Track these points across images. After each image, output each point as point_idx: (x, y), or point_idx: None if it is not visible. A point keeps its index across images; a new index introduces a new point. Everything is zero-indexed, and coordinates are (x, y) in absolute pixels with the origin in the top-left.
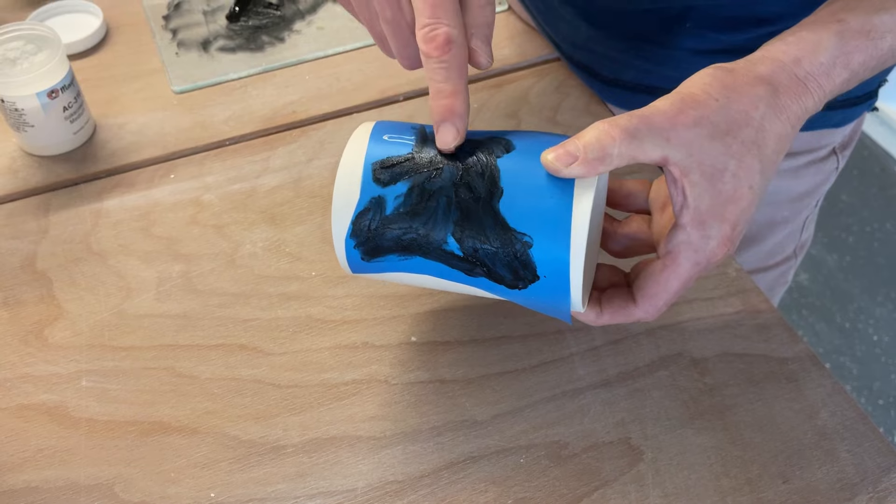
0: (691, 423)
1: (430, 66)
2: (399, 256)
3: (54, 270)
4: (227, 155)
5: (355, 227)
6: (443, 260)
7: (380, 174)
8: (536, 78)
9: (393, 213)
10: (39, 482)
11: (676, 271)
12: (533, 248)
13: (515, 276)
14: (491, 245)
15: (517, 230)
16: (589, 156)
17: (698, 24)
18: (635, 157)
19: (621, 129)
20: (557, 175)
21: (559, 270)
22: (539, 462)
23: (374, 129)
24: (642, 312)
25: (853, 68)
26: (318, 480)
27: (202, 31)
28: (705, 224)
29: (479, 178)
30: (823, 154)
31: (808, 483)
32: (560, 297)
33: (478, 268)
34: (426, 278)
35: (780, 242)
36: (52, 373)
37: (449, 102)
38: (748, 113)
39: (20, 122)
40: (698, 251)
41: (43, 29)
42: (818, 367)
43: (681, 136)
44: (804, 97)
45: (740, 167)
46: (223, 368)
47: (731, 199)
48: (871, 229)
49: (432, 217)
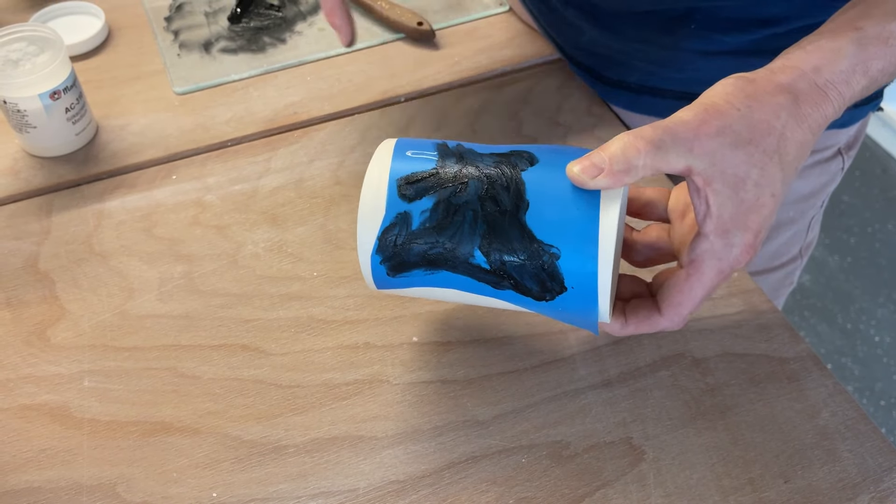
0: (693, 423)
1: None
2: (425, 271)
3: (56, 271)
4: (229, 156)
5: (381, 242)
6: (470, 273)
7: (405, 190)
8: (537, 79)
9: (419, 228)
10: (42, 482)
11: (700, 280)
12: (560, 259)
13: (543, 287)
14: (518, 257)
15: (544, 242)
16: (615, 167)
17: (702, 25)
18: (660, 168)
19: (646, 140)
20: (583, 187)
21: (587, 281)
22: (540, 462)
23: (397, 146)
24: (668, 322)
25: (872, 75)
26: (319, 480)
27: (204, 33)
28: (728, 232)
29: (504, 191)
30: (829, 154)
31: (810, 483)
32: (588, 307)
33: (505, 280)
34: (452, 292)
35: (785, 243)
36: (54, 373)
37: (329, 20)
38: (770, 122)
39: (22, 124)
40: (722, 259)
41: (45, 30)
42: (819, 367)
43: (704, 146)
44: (824, 105)
45: (762, 176)
46: (225, 369)
47: (753, 207)
48: (873, 230)
49: (459, 231)
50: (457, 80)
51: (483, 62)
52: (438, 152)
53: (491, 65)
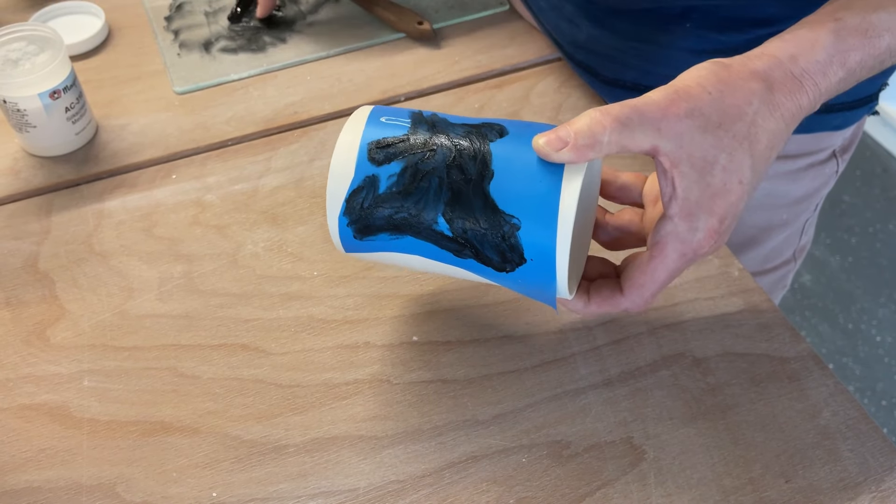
0: (693, 423)
1: None
2: (390, 235)
3: (56, 271)
4: (229, 155)
5: (349, 205)
6: (433, 240)
7: (375, 154)
8: (538, 78)
9: (386, 192)
10: (41, 482)
11: (664, 262)
12: (520, 230)
13: (503, 258)
14: (480, 226)
15: (506, 212)
16: (579, 142)
17: (698, 24)
18: (625, 145)
19: (612, 117)
20: (548, 160)
21: (545, 254)
22: (541, 462)
23: (372, 112)
24: (629, 302)
25: (850, 67)
26: (319, 480)
27: (204, 32)
28: (693, 216)
29: (471, 160)
30: (823, 157)
31: (811, 483)
32: (546, 280)
33: (467, 249)
34: (418, 259)
35: (778, 246)
36: (54, 373)
37: None
38: (741, 108)
39: (22, 123)
40: (685, 242)
41: (45, 30)
42: (820, 367)
43: (672, 127)
44: (799, 94)
45: (731, 161)
46: (225, 368)
47: (719, 192)
48: (874, 230)
49: (424, 197)
50: (457, 80)
51: (483, 61)
52: (412, 120)
53: (491, 64)
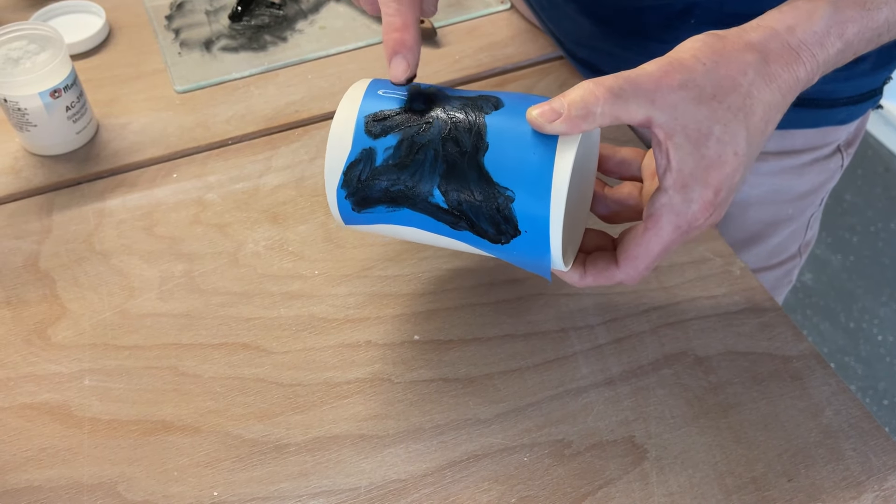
0: (695, 422)
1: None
2: (387, 208)
3: (57, 270)
4: (230, 154)
5: (346, 177)
6: (429, 212)
7: (371, 126)
8: (540, 76)
9: (382, 165)
10: (42, 481)
11: (658, 234)
12: (514, 202)
13: (497, 230)
14: (475, 198)
15: (500, 184)
16: (572, 113)
17: (702, 20)
18: (619, 116)
19: (606, 88)
20: (541, 131)
21: (539, 225)
22: (542, 461)
23: (370, 85)
24: (623, 275)
25: (847, 38)
26: (320, 479)
27: (205, 31)
28: (687, 187)
29: (466, 133)
30: (828, 152)
31: (814, 481)
32: (540, 252)
33: (462, 221)
34: (415, 231)
35: (784, 241)
36: (54, 372)
37: (399, 36)
38: (736, 79)
39: (23, 122)
40: (680, 214)
41: (46, 29)
42: (822, 366)
43: (666, 99)
44: (795, 65)
45: (725, 132)
46: (226, 367)
47: (714, 163)
48: (876, 229)
49: (419, 169)
50: (459, 78)
51: (485, 60)
52: (409, 93)
53: (493, 62)
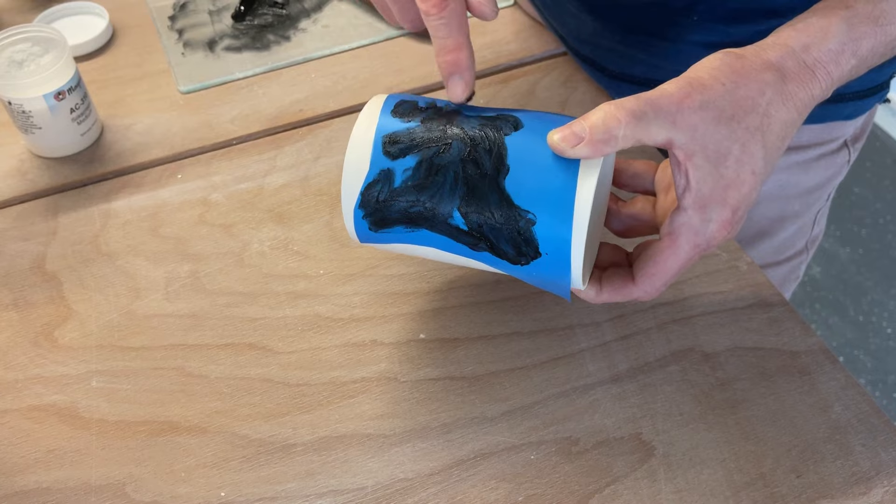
0: (703, 418)
1: (431, 23)
2: (406, 228)
3: (63, 272)
4: (234, 154)
5: (364, 198)
6: (448, 234)
7: (389, 147)
8: (543, 73)
9: (401, 186)
10: (51, 483)
11: (676, 252)
12: (536, 225)
13: (518, 252)
14: (495, 221)
15: (521, 207)
16: (594, 137)
17: (705, 16)
18: (640, 139)
19: (627, 111)
20: (563, 155)
21: (561, 248)
22: (549, 458)
23: (386, 101)
24: (640, 292)
25: (862, 55)
26: (327, 479)
27: (208, 31)
28: (706, 208)
29: (486, 154)
30: (835, 147)
31: (822, 477)
32: (561, 274)
33: (482, 243)
34: (432, 251)
35: (791, 237)
36: (62, 374)
37: (453, 57)
38: (755, 99)
39: (28, 125)
40: (699, 234)
41: (49, 31)
42: (831, 361)
43: (686, 120)
44: (811, 84)
45: (744, 152)
46: (232, 368)
47: (733, 183)
48: (885, 222)
49: (439, 191)
50: None
51: (488, 56)
52: (427, 110)
53: (496, 59)
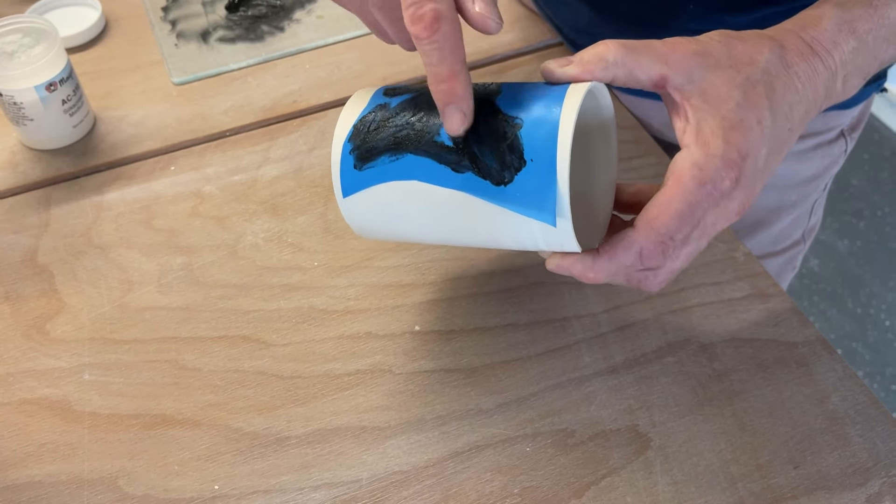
0: (700, 410)
1: (423, 48)
2: (390, 157)
3: (56, 264)
4: (228, 146)
5: (356, 129)
6: (432, 154)
7: (388, 93)
8: (539, 63)
9: (394, 109)
10: (43, 477)
11: (681, 189)
12: (522, 129)
13: (502, 163)
14: (480, 129)
15: (508, 114)
16: (584, 58)
17: (701, 4)
18: (632, 69)
19: (619, 42)
20: (552, 78)
21: (546, 150)
22: (545, 450)
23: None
24: (641, 236)
25: (860, 35)
26: (322, 472)
27: (201, 22)
28: (709, 143)
29: (481, 88)
30: (831, 136)
31: (820, 468)
32: (546, 184)
33: (465, 159)
34: (414, 204)
35: (787, 227)
36: (54, 367)
37: (448, 86)
38: (752, 55)
39: (19, 116)
40: (703, 169)
41: (40, 22)
42: (829, 351)
43: (680, 62)
44: (811, 58)
45: (745, 99)
46: (226, 360)
47: (736, 125)
48: (883, 214)
49: (429, 113)
50: None
51: (484, 46)
52: None
53: (492, 49)
